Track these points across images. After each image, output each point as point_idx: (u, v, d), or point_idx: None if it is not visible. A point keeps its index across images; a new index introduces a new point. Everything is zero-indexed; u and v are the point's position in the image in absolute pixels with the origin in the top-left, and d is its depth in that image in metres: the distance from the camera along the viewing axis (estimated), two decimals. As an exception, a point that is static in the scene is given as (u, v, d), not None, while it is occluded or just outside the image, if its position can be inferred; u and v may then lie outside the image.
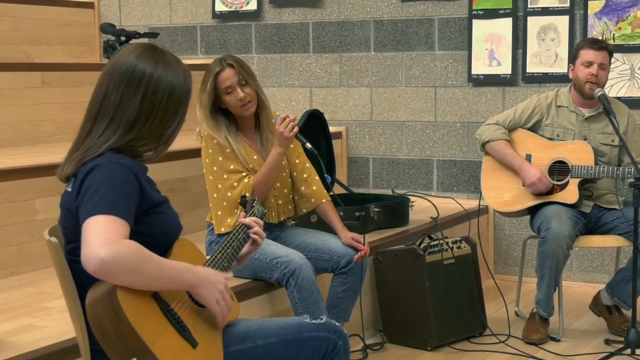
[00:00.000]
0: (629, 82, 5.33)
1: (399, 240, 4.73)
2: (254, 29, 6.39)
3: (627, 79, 5.33)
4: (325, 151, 5.29)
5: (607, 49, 4.54)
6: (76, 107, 5.31)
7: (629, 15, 5.32)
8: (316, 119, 5.26)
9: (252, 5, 6.36)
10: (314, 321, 2.59)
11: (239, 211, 3.66)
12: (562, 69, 5.48)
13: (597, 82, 4.49)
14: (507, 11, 5.61)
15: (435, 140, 5.91)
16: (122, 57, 2.39)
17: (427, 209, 5.37)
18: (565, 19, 5.48)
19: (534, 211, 4.63)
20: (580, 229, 4.50)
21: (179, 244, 2.43)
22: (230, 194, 3.76)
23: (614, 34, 5.34)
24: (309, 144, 3.80)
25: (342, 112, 6.17)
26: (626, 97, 5.23)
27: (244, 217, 2.73)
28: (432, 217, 5.17)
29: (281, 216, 3.94)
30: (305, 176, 3.96)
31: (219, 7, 6.48)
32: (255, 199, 2.86)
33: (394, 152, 6.04)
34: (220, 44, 6.51)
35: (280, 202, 3.93)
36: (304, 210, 4.00)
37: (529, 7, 5.56)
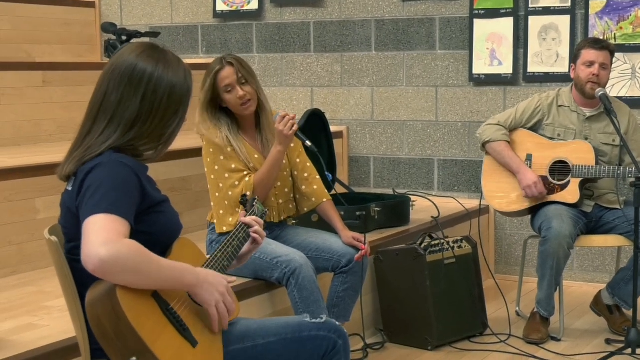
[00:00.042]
0: (630, 81, 5.32)
1: (400, 239, 4.73)
2: (255, 28, 6.39)
3: (628, 79, 5.32)
4: (326, 151, 5.29)
5: (608, 49, 4.53)
6: (77, 106, 5.31)
7: (630, 14, 5.32)
8: (317, 118, 5.26)
9: (254, 4, 6.36)
10: (314, 320, 2.59)
11: (240, 210, 3.65)
12: (563, 68, 5.48)
13: (599, 82, 4.49)
14: (508, 11, 5.61)
15: (436, 139, 5.91)
16: (122, 56, 2.39)
17: (428, 208, 5.36)
18: (566, 19, 5.47)
19: (534, 211, 4.62)
20: (581, 229, 4.50)
21: (179, 243, 2.43)
22: (231, 193, 3.76)
23: (615, 34, 5.34)
24: (308, 142, 3.79)
25: (343, 111, 6.17)
26: (627, 97, 5.22)
27: (244, 216, 2.73)
28: (433, 217, 5.17)
29: (282, 215, 3.94)
30: (306, 175, 3.96)
31: (220, 6, 6.48)
32: (255, 198, 2.86)
33: (395, 151, 6.04)
34: (221, 43, 6.51)
35: (280, 202, 3.92)
36: (305, 209, 4.00)
37: (530, 6, 5.55)
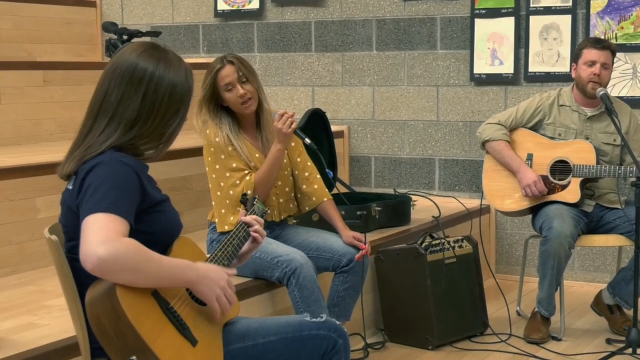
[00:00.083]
0: (631, 81, 5.32)
1: (401, 239, 4.73)
2: (256, 27, 6.39)
3: (629, 79, 5.32)
4: (327, 150, 5.29)
5: (610, 49, 4.53)
6: (78, 105, 5.30)
7: (632, 14, 5.31)
8: (318, 118, 5.25)
9: (254, 4, 6.36)
10: (314, 319, 2.59)
11: (241, 209, 3.65)
12: (564, 68, 5.47)
13: (600, 82, 4.49)
14: (509, 10, 5.61)
15: (437, 139, 5.90)
16: (123, 55, 2.39)
17: (428, 208, 5.36)
18: (567, 18, 5.47)
19: (535, 210, 4.62)
20: (581, 229, 4.49)
21: (179, 242, 2.43)
22: (232, 192, 3.76)
23: (616, 34, 5.33)
24: (307, 139, 3.79)
25: (344, 111, 6.17)
26: (628, 97, 5.22)
27: (244, 215, 2.73)
28: (433, 216, 5.17)
29: (282, 215, 3.94)
30: (306, 174, 3.96)
31: (221, 5, 6.48)
32: (255, 197, 2.86)
33: (396, 151, 6.04)
34: (222, 42, 6.51)
35: (281, 201, 3.92)
36: (306, 208, 4.00)
37: (531, 6, 5.55)
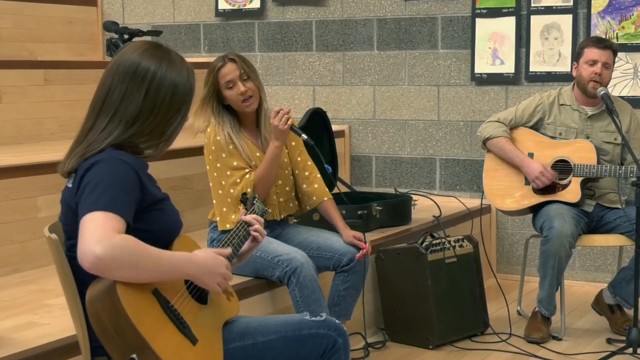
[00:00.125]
0: (632, 81, 5.32)
1: (401, 238, 4.73)
2: (257, 27, 6.39)
3: (630, 78, 5.32)
4: (328, 150, 5.29)
5: (611, 48, 4.53)
6: (79, 105, 5.30)
7: (633, 14, 5.31)
8: (319, 117, 5.25)
9: (255, 3, 6.36)
10: (314, 318, 2.59)
11: (241, 208, 3.65)
12: (566, 67, 5.47)
13: (601, 81, 4.49)
14: (510, 10, 5.60)
15: (438, 139, 5.90)
16: (126, 54, 2.40)
17: (429, 207, 5.36)
18: (568, 18, 5.47)
19: (536, 210, 4.62)
20: (582, 228, 4.49)
21: (179, 240, 2.43)
22: (233, 190, 3.76)
23: (617, 33, 5.33)
24: (304, 135, 3.79)
25: (345, 110, 6.17)
26: (629, 97, 5.21)
27: (244, 215, 2.73)
28: (434, 216, 5.17)
29: (282, 214, 3.94)
30: (307, 174, 3.96)
31: (222, 5, 6.48)
32: (255, 197, 2.86)
33: (397, 150, 6.04)
34: (223, 42, 6.51)
35: (281, 200, 3.92)
36: (306, 208, 4.00)
37: (533, 5, 5.55)
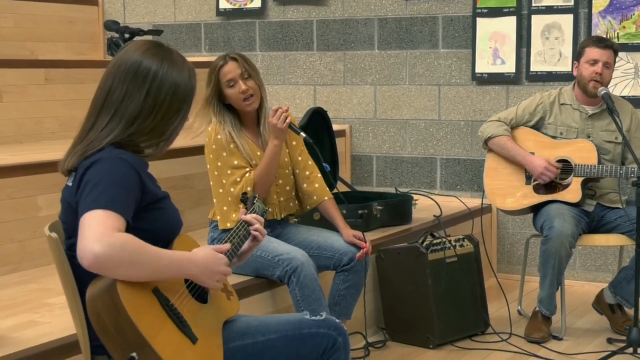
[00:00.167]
0: (633, 80, 5.31)
1: (402, 238, 4.73)
2: (258, 26, 6.39)
3: (631, 78, 5.32)
4: (328, 149, 5.29)
5: (612, 48, 4.52)
6: (79, 104, 5.30)
7: (634, 14, 5.31)
8: (319, 116, 5.25)
9: (256, 2, 6.35)
10: (314, 318, 2.59)
11: (242, 208, 3.65)
12: (566, 67, 5.47)
13: (601, 81, 4.49)
14: (511, 9, 5.60)
15: (438, 138, 5.90)
16: (127, 53, 2.40)
17: (430, 207, 5.36)
18: (569, 18, 5.46)
19: (536, 210, 4.62)
20: (583, 228, 4.49)
21: (180, 239, 2.43)
22: (233, 189, 3.76)
23: (618, 33, 5.33)
24: (303, 133, 3.79)
25: (345, 110, 6.17)
26: (630, 96, 5.21)
27: (244, 214, 2.73)
28: (435, 216, 5.17)
29: (283, 213, 3.94)
30: (307, 173, 3.96)
31: (223, 4, 6.48)
32: (255, 196, 2.86)
33: (398, 150, 6.04)
34: (224, 41, 6.51)
35: (282, 199, 3.93)
36: (307, 207, 4.00)
37: (533, 5, 5.55)
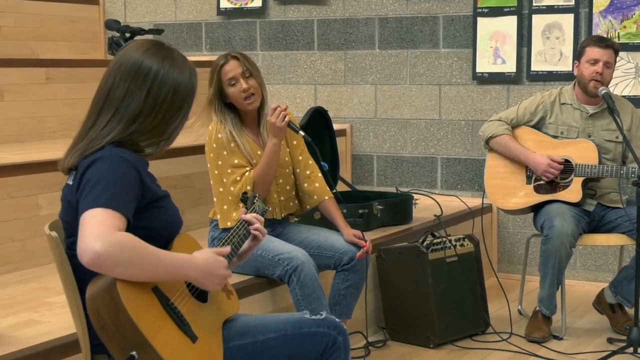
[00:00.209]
0: (633, 80, 5.31)
1: (402, 237, 4.73)
2: (258, 26, 6.39)
3: (631, 78, 5.32)
4: (329, 149, 5.29)
5: (613, 48, 4.52)
6: (81, 103, 5.29)
7: (634, 13, 5.31)
8: (320, 116, 5.24)
9: (257, 2, 6.36)
10: (314, 317, 2.60)
11: (242, 207, 3.65)
12: (567, 67, 5.47)
13: (602, 81, 4.49)
14: (512, 9, 5.60)
15: (439, 138, 5.90)
16: (128, 52, 2.40)
17: (430, 206, 5.36)
18: (570, 17, 5.46)
19: (537, 209, 4.62)
20: (583, 228, 4.49)
21: (180, 239, 2.43)
22: (233, 188, 3.76)
23: (618, 33, 5.33)
24: (301, 132, 3.80)
25: (346, 109, 6.17)
26: (631, 96, 5.21)
27: (244, 214, 2.73)
28: (435, 215, 5.17)
29: (283, 212, 3.94)
30: (308, 173, 3.96)
31: (224, 4, 6.48)
32: (256, 196, 2.86)
33: (398, 149, 6.04)
34: (225, 40, 6.51)
35: (282, 199, 3.93)
36: (307, 207, 4.00)
37: (534, 5, 5.55)
